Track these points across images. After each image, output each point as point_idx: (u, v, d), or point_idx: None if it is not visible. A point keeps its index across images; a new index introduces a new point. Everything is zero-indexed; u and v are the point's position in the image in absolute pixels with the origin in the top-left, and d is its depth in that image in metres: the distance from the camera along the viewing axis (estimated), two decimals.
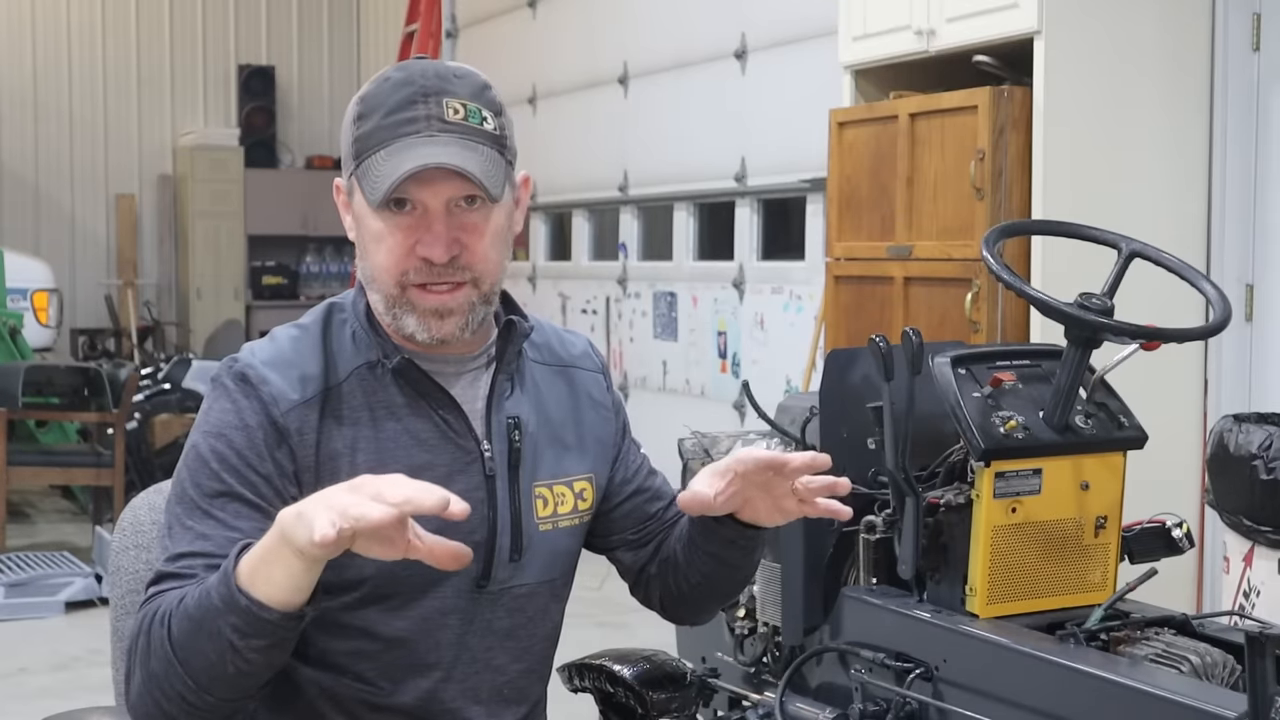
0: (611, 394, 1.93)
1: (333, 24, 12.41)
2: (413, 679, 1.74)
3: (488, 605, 1.76)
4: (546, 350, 1.88)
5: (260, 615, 1.47)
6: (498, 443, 1.76)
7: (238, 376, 1.69)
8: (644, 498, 1.93)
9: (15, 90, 11.40)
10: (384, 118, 1.67)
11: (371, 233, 1.69)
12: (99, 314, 11.35)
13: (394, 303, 1.69)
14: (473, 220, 1.68)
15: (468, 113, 1.67)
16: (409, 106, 1.66)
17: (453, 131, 1.66)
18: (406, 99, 1.67)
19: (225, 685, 1.53)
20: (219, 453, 1.66)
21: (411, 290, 1.68)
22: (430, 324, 1.69)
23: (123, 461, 6.68)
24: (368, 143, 1.67)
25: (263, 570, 1.47)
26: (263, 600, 1.47)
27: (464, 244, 1.68)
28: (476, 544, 1.73)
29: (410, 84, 1.68)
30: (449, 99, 1.67)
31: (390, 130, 1.66)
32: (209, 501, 1.65)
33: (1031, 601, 2.53)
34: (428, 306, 1.68)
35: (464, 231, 1.68)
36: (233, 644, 1.49)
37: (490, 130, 1.69)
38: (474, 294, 1.70)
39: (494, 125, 1.69)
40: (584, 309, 8.18)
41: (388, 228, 1.67)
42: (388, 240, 1.68)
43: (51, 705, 1.88)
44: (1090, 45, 4.16)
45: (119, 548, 1.92)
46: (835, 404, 2.76)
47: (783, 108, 6.37)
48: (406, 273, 1.68)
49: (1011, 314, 4.12)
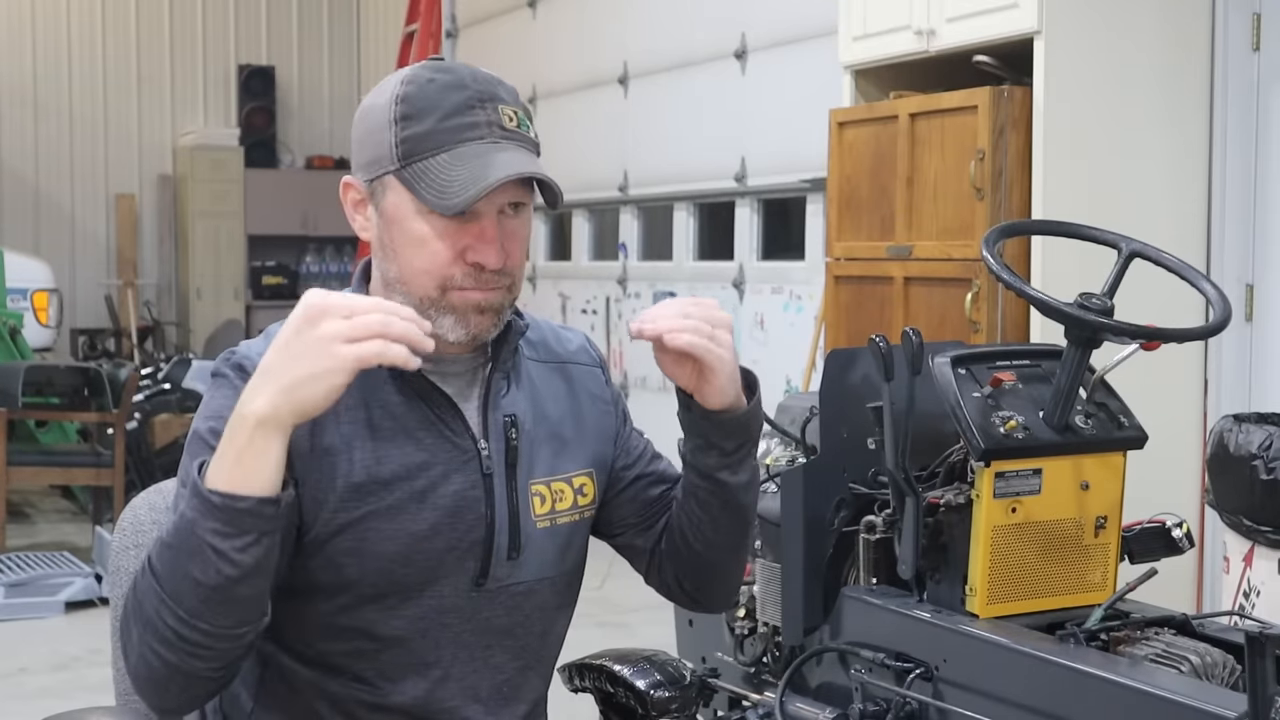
0: (610, 387, 1.93)
1: (333, 24, 12.42)
2: (411, 678, 1.74)
3: (486, 603, 1.76)
4: (543, 348, 1.88)
5: (235, 507, 1.49)
6: (494, 441, 1.76)
7: (235, 367, 1.70)
8: (646, 481, 1.92)
9: (15, 90, 11.41)
10: (440, 120, 1.65)
11: (411, 235, 1.67)
12: (99, 314, 11.35)
13: (430, 305, 1.68)
14: (515, 226, 1.70)
15: (519, 121, 1.69)
16: (467, 111, 1.66)
17: (513, 139, 1.67)
18: (463, 103, 1.66)
19: (217, 607, 1.52)
20: (219, 433, 1.65)
21: (453, 293, 1.68)
22: (470, 320, 1.69)
23: (123, 461, 6.68)
24: (422, 144, 1.65)
25: (228, 466, 1.50)
26: (235, 491, 1.49)
27: (508, 251, 1.69)
28: (474, 542, 1.73)
29: (463, 88, 1.67)
30: (502, 105, 1.68)
31: (450, 134, 1.65)
32: None
33: (1031, 601, 2.53)
34: (469, 304, 1.68)
35: (508, 238, 1.69)
36: (215, 548, 1.49)
37: (534, 138, 1.71)
38: (508, 297, 1.72)
39: (534, 133, 1.72)
40: (584, 309, 8.18)
41: (434, 232, 1.66)
42: (432, 245, 1.66)
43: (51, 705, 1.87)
44: (1090, 45, 4.16)
45: (119, 547, 1.92)
46: (835, 404, 2.75)
47: (783, 108, 6.38)
48: (452, 277, 1.67)
49: (1011, 314, 4.12)
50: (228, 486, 1.49)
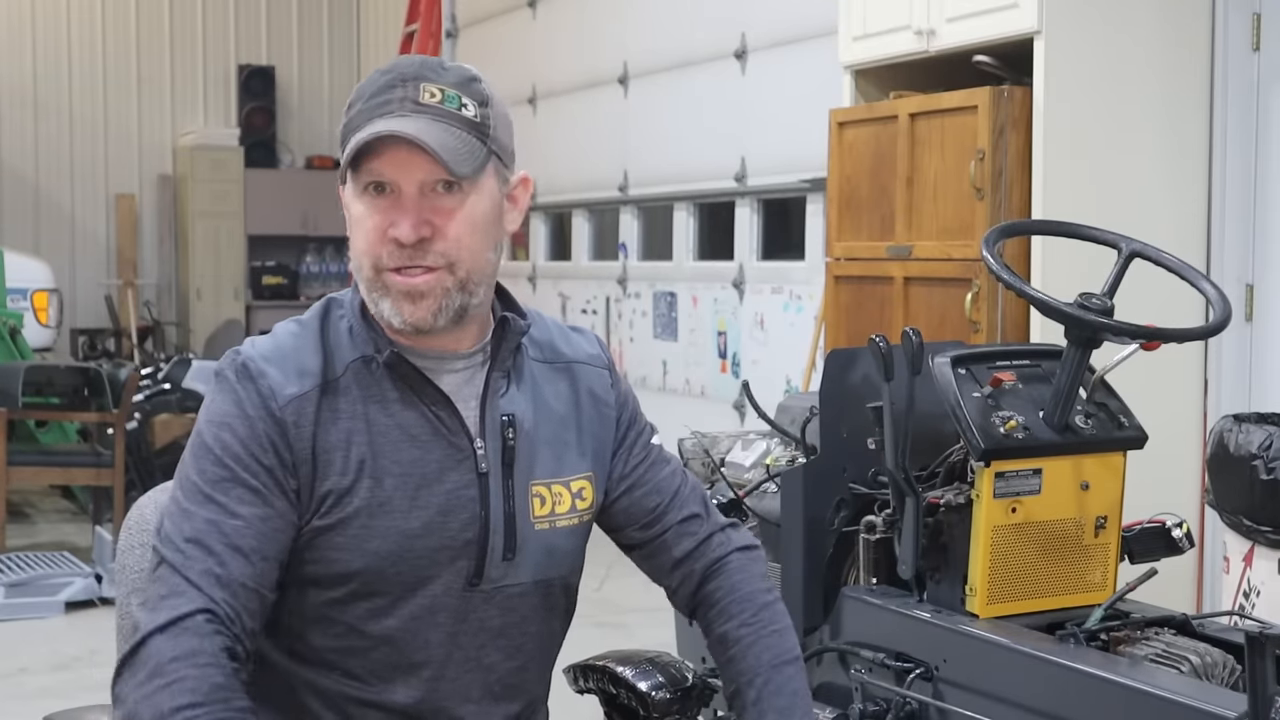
0: (616, 390, 1.90)
1: (333, 24, 12.41)
2: (402, 677, 1.74)
3: (480, 604, 1.76)
4: (548, 348, 1.87)
5: None
6: (491, 440, 1.76)
7: (239, 369, 1.71)
8: (641, 492, 1.88)
9: (15, 90, 11.40)
10: (365, 103, 1.71)
11: (353, 217, 1.72)
12: (99, 314, 11.34)
13: (371, 287, 1.71)
14: (446, 205, 1.69)
15: (445, 97, 1.70)
16: (387, 90, 1.70)
17: (424, 112, 1.68)
18: (386, 84, 1.71)
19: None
20: (222, 441, 1.68)
21: (386, 274, 1.70)
22: (403, 308, 1.70)
23: (123, 461, 6.68)
24: (349, 127, 1.71)
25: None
26: None
27: (435, 226, 1.68)
28: (467, 542, 1.73)
29: (392, 71, 1.72)
30: (426, 84, 1.70)
31: (366, 113, 1.69)
32: (212, 487, 1.66)
33: (1031, 601, 2.53)
34: (400, 289, 1.69)
35: (436, 215, 1.69)
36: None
37: (469, 116, 1.70)
38: (449, 279, 1.70)
39: (475, 113, 1.71)
40: (584, 309, 8.18)
41: (366, 210, 1.70)
42: (364, 224, 1.70)
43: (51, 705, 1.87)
44: (1090, 45, 4.16)
45: (124, 547, 1.92)
46: (835, 404, 2.76)
47: (783, 108, 6.38)
48: (380, 256, 1.69)
49: (1011, 314, 4.12)
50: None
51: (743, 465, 3.18)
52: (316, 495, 1.68)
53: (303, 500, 1.68)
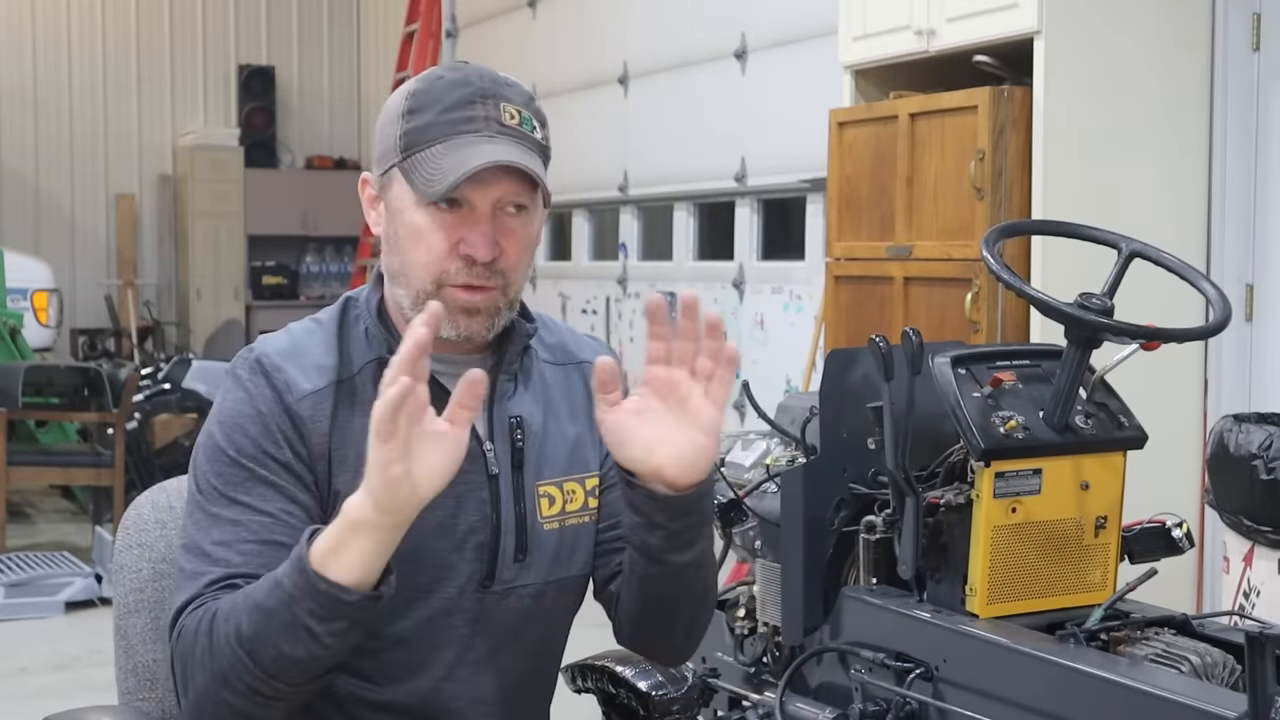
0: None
1: (333, 24, 12.41)
2: (413, 678, 1.74)
3: (493, 605, 1.76)
4: (560, 350, 1.88)
5: (340, 598, 1.49)
6: (500, 442, 1.76)
7: (251, 366, 1.71)
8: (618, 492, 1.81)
9: (15, 89, 11.40)
10: (440, 114, 1.67)
11: (411, 228, 1.69)
12: (99, 314, 11.35)
13: (425, 298, 1.68)
14: (514, 225, 1.70)
15: (522, 119, 1.70)
16: (467, 105, 1.68)
17: (509, 135, 1.67)
18: (465, 98, 1.68)
19: (299, 671, 1.54)
20: (235, 441, 1.67)
21: (447, 289, 1.69)
22: (459, 321, 1.69)
23: (123, 461, 6.68)
24: (421, 136, 1.68)
25: (335, 555, 1.49)
26: (341, 582, 1.49)
27: (503, 248, 1.69)
28: (480, 544, 1.73)
29: (467, 84, 1.69)
30: (505, 103, 1.69)
31: (448, 126, 1.67)
32: (232, 488, 1.66)
33: (1031, 601, 2.53)
34: (459, 305, 1.69)
35: (504, 235, 1.69)
36: (310, 629, 1.50)
37: (538, 139, 1.71)
38: (501, 299, 1.71)
39: (541, 135, 1.72)
40: (584, 309, 8.18)
41: (431, 224, 1.68)
42: (429, 237, 1.68)
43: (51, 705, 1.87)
44: (1090, 45, 4.16)
45: (122, 547, 1.92)
46: (835, 404, 2.75)
47: (783, 108, 6.38)
48: (447, 271, 1.68)
49: (1011, 314, 4.12)
50: (336, 575, 1.49)
51: (743, 465, 3.18)
52: (331, 493, 1.68)
53: (322, 495, 1.69)
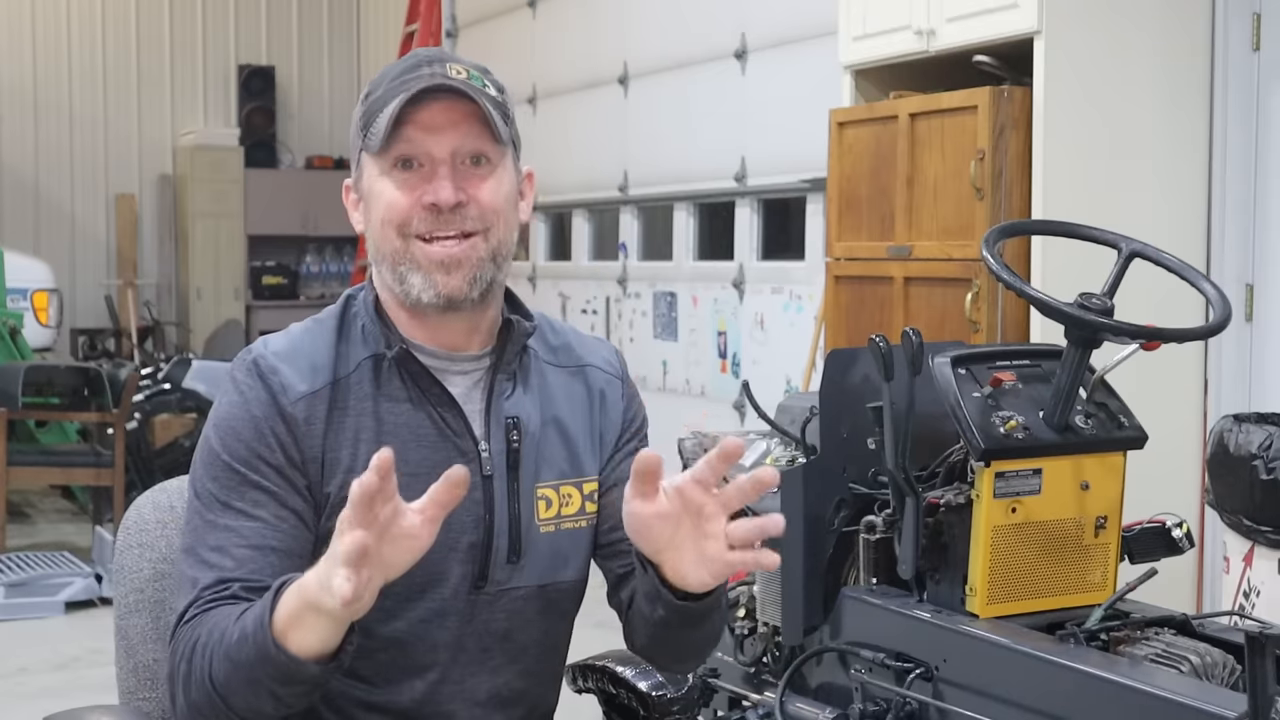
0: (627, 401, 1.88)
1: (333, 24, 12.41)
2: (408, 679, 1.74)
3: (485, 607, 1.75)
4: (563, 351, 1.87)
5: (295, 670, 1.51)
6: (496, 443, 1.75)
7: (248, 368, 1.71)
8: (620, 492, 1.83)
9: (15, 89, 11.40)
10: (389, 83, 1.71)
11: (378, 198, 1.71)
12: (99, 314, 11.34)
13: (399, 259, 1.69)
14: (477, 174, 1.70)
15: (470, 75, 1.71)
16: (413, 70, 1.71)
17: (455, 83, 1.69)
18: (410, 65, 1.72)
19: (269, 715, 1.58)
20: (229, 446, 1.68)
21: (416, 243, 1.69)
22: (436, 279, 1.69)
23: (123, 461, 6.68)
24: (374, 107, 1.70)
25: (294, 627, 1.50)
26: (298, 654, 1.50)
27: (470, 194, 1.69)
28: (472, 545, 1.73)
29: (414, 56, 1.74)
30: (452, 64, 1.72)
31: (394, 90, 1.69)
32: (227, 493, 1.67)
33: (1031, 601, 2.53)
34: (434, 259, 1.68)
35: (469, 183, 1.70)
36: (272, 691, 1.54)
37: (493, 95, 1.71)
38: (482, 247, 1.70)
39: (496, 93, 1.73)
40: (584, 309, 8.18)
41: (393, 186, 1.69)
42: (392, 196, 1.70)
43: (51, 705, 1.87)
44: (1090, 45, 4.16)
45: (123, 547, 1.92)
46: (835, 404, 2.76)
47: (783, 108, 6.37)
48: (410, 222, 1.69)
49: (1011, 314, 4.12)
50: (294, 648, 1.50)
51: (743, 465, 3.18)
52: (324, 493, 1.69)
53: (315, 497, 1.69)
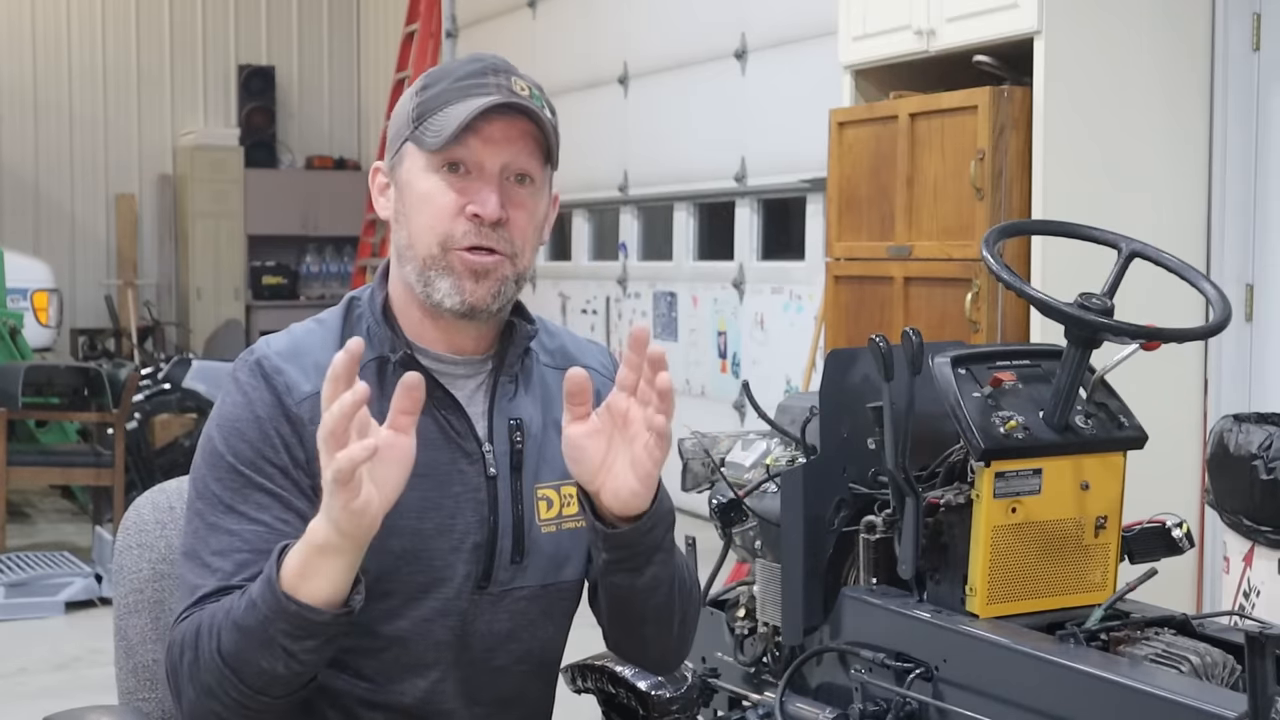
0: None
1: (333, 24, 12.42)
2: (411, 678, 1.74)
3: (489, 607, 1.76)
4: (560, 354, 1.88)
5: (311, 618, 1.51)
6: (499, 444, 1.76)
7: (252, 368, 1.71)
8: None
9: (15, 90, 11.41)
10: (453, 82, 1.70)
11: (419, 194, 1.70)
12: (99, 314, 11.35)
13: (431, 264, 1.69)
14: (521, 196, 1.71)
15: (533, 94, 1.72)
16: (480, 75, 1.71)
17: (520, 100, 1.70)
18: (478, 70, 1.71)
19: (280, 685, 1.57)
20: (233, 447, 1.68)
21: (453, 253, 1.69)
22: (465, 286, 1.69)
23: (123, 461, 6.67)
24: (434, 103, 1.70)
25: (303, 578, 1.51)
26: (310, 602, 1.51)
27: (510, 215, 1.70)
28: (477, 545, 1.73)
29: (480, 60, 1.73)
30: (517, 78, 1.72)
31: (460, 91, 1.69)
32: (230, 495, 1.67)
33: (1031, 601, 2.52)
34: (466, 267, 1.69)
35: (511, 204, 1.70)
36: (285, 648, 1.53)
37: (547, 118, 1.72)
38: (509, 268, 1.71)
39: (550, 118, 1.73)
40: (584, 309, 8.18)
41: (440, 187, 1.69)
42: (438, 199, 1.69)
43: (51, 705, 1.87)
44: (1090, 45, 4.16)
45: (122, 547, 1.92)
46: (835, 404, 2.75)
47: (783, 108, 6.38)
48: (452, 234, 1.69)
49: (1011, 314, 4.12)
50: (305, 597, 1.51)
51: (743, 465, 3.17)
52: None
53: (319, 498, 1.68)
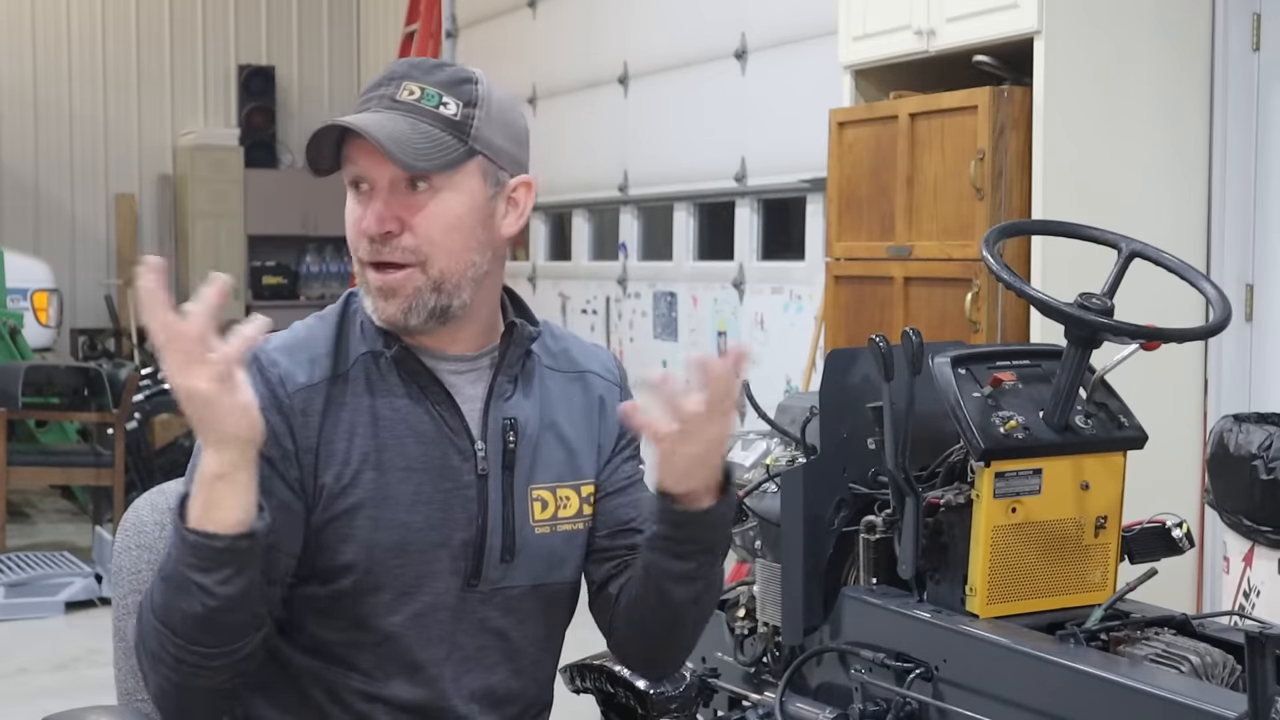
0: None
1: (333, 24, 12.41)
2: (405, 673, 1.75)
3: (479, 604, 1.76)
4: (564, 357, 1.88)
5: (210, 545, 1.54)
6: (492, 443, 1.76)
7: (248, 364, 1.71)
8: (618, 502, 1.86)
9: (15, 90, 11.40)
10: (358, 103, 1.73)
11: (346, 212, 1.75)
12: (99, 314, 11.34)
13: (360, 280, 1.74)
14: (415, 201, 1.69)
15: (424, 95, 1.70)
16: (375, 88, 1.72)
17: (396, 109, 1.68)
18: (377, 82, 1.73)
19: (209, 631, 1.58)
20: None
21: (366, 268, 1.72)
22: (379, 305, 1.72)
23: (123, 461, 6.68)
24: None
25: (208, 509, 1.54)
26: (209, 529, 1.53)
27: (403, 222, 1.69)
28: (465, 542, 1.74)
29: (388, 71, 1.74)
30: (409, 82, 1.71)
31: (357, 106, 1.72)
32: None
33: (1031, 601, 2.53)
34: (375, 285, 1.71)
35: (404, 210, 1.69)
36: (198, 584, 1.54)
37: (447, 115, 1.69)
38: (419, 277, 1.70)
39: (455, 112, 1.70)
40: (584, 309, 8.18)
41: (350, 205, 1.73)
42: (349, 218, 1.73)
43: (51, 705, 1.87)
44: (1090, 45, 4.16)
45: (121, 548, 1.92)
46: (835, 404, 2.75)
47: (783, 108, 6.37)
48: (358, 248, 1.71)
49: (1011, 314, 4.12)
50: (202, 524, 1.54)
51: (743, 465, 3.18)
52: (318, 485, 1.70)
53: (306, 490, 1.70)
